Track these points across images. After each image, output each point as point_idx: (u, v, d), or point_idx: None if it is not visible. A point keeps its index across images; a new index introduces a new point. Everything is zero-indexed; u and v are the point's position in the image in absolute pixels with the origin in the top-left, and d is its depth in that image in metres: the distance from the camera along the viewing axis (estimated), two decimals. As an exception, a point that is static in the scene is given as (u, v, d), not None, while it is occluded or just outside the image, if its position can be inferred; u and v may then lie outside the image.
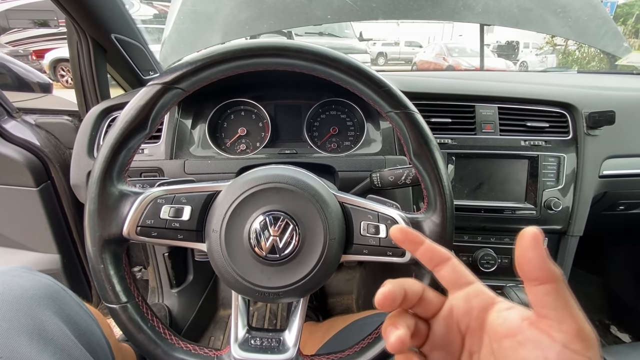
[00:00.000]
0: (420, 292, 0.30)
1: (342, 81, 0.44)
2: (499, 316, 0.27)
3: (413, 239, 0.31)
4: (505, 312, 0.27)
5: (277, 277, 0.41)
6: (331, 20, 1.17)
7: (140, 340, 0.41)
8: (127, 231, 0.41)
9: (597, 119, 0.85)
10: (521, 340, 0.24)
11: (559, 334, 0.23)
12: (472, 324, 0.28)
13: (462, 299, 0.29)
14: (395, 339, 0.26)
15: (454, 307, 0.29)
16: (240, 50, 0.42)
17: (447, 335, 0.29)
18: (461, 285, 0.29)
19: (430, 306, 0.30)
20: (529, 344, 0.24)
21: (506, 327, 0.26)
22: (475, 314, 0.28)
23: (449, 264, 0.30)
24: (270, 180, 0.42)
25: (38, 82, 1.46)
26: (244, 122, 0.87)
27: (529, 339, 0.24)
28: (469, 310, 0.28)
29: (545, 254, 0.23)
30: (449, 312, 0.29)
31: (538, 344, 0.24)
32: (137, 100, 0.41)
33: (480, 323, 0.27)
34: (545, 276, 0.23)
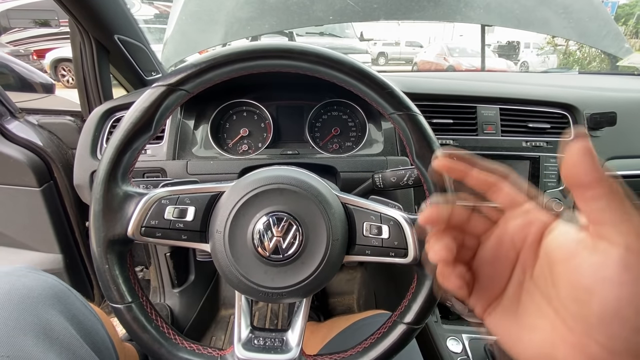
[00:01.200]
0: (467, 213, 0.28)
1: (346, 83, 0.45)
2: (557, 241, 0.24)
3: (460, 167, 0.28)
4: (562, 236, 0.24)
5: (281, 278, 0.41)
6: (333, 21, 1.17)
7: (145, 339, 0.41)
8: (132, 232, 0.41)
9: (598, 120, 0.86)
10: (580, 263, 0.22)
11: (619, 236, 0.20)
12: (528, 239, 0.26)
13: (521, 214, 0.27)
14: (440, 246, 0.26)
15: (509, 223, 0.27)
16: (244, 52, 0.42)
17: (498, 251, 0.27)
18: (519, 202, 0.27)
19: (480, 223, 0.29)
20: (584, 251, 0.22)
21: (563, 252, 0.23)
22: (533, 229, 0.26)
23: (507, 183, 0.27)
24: (273, 181, 0.43)
25: (41, 83, 1.46)
26: (246, 123, 0.87)
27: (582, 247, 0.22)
28: (528, 225, 0.26)
29: (594, 158, 0.21)
30: (504, 227, 0.27)
31: (594, 249, 0.21)
32: (142, 101, 0.42)
33: (536, 243, 0.25)
34: (593, 180, 0.21)
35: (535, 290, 0.25)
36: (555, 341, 0.22)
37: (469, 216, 0.29)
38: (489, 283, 0.28)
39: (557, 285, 0.23)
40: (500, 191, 0.27)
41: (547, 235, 0.25)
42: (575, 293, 0.22)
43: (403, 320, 0.43)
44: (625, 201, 0.21)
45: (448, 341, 0.81)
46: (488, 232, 0.28)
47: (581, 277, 0.21)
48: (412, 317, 0.43)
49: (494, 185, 0.27)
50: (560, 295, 0.23)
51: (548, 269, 0.24)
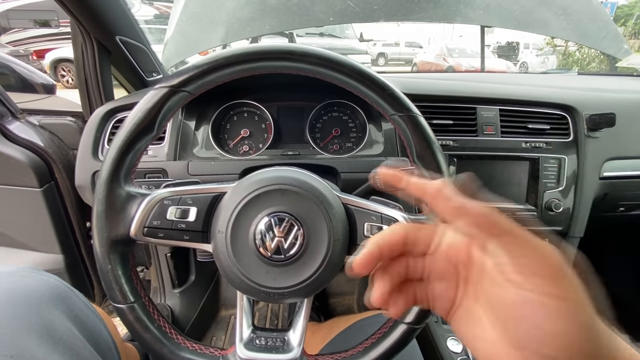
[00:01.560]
0: (399, 240, 0.29)
1: (346, 84, 0.45)
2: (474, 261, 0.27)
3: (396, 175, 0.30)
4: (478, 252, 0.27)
5: (282, 278, 0.42)
6: (333, 22, 1.18)
7: (147, 339, 0.42)
8: (134, 232, 0.42)
9: (597, 121, 0.86)
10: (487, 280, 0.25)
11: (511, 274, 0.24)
12: (460, 256, 0.28)
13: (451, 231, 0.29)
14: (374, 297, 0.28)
15: (441, 242, 0.29)
16: (246, 54, 0.43)
17: (442, 267, 0.29)
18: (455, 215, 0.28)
19: (419, 246, 0.30)
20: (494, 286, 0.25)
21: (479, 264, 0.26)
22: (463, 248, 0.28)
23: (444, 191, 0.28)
24: (275, 182, 0.43)
25: (42, 83, 1.46)
26: (247, 124, 0.87)
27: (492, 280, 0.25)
28: (456, 244, 0.28)
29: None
30: (438, 246, 0.29)
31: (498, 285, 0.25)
32: (145, 103, 0.42)
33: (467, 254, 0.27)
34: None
35: (477, 305, 0.27)
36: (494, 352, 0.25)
37: (400, 244, 0.29)
38: (442, 296, 0.29)
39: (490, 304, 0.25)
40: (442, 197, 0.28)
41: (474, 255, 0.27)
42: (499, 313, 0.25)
43: (404, 320, 0.44)
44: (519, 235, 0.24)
45: (448, 341, 0.81)
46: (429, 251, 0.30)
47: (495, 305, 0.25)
48: (412, 317, 0.43)
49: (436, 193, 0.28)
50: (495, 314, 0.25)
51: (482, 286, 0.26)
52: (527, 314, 0.22)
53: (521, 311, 0.23)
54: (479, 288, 0.27)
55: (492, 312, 0.25)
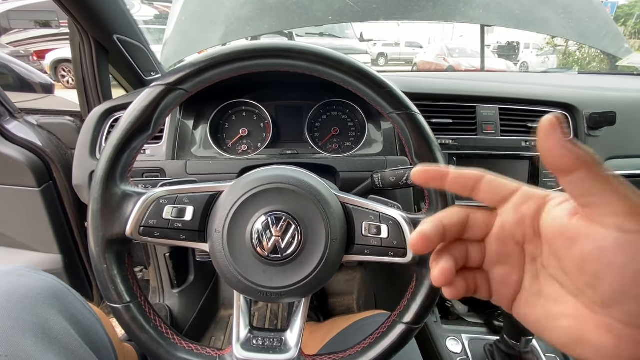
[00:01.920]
0: (462, 221, 0.28)
1: (344, 82, 0.45)
2: (550, 217, 0.24)
3: (435, 174, 0.28)
4: (555, 210, 0.24)
5: (279, 277, 0.41)
6: (332, 21, 1.17)
7: (143, 339, 0.41)
8: (130, 231, 0.41)
9: (597, 119, 0.86)
10: (572, 237, 0.22)
11: (610, 217, 0.20)
12: (527, 231, 0.26)
13: (511, 210, 0.27)
14: (438, 272, 0.26)
15: (504, 222, 0.27)
16: (243, 51, 0.42)
17: (503, 250, 0.27)
18: (505, 197, 0.27)
19: (479, 229, 0.28)
20: (582, 238, 0.22)
21: (555, 227, 0.24)
22: (528, 222, 0.26)
23: (483, 182, 0.27)
24: (272, 181, 0.43)
25: (40, 83, 1.46)
26: (246, 123, 0.87)
27: (580, 233, 0.22)
28: (521, 220, 0.26)
29: (566, 139, 0.21)
30: (501, 228, 0.27)
31: (591, 235, 0.21)
32: (140, 101, 0.41)
33: (534, 228, 0.25)
34: (571, 163, 0.21)
35: (550, 279, 0.25)
36: (581, 325, 0.23)
37: (462, 225, 0.28)
38: (505, 281, 0.28)
39: (568, 273, 0.23)
40: (482, 190, 0.27)
41: (542, 223, 0.25)
42: (585, 279, 0.22)
43: (402, 320, 0.43)
44: (609, 178, 0.20)
45: (447, 341, 0.81)
46: (489, 235, 0.28)
47: (586, 264, 0.22)
48: (411, 316, 0.43)
49: (473, 185, 0.28)
50: (574, 282, 0.23)
51: (554, 257, 0.24)
52: (630, 259, 0.20)
53: (622, 258, 0.20)
54: (552, 259, 0.24)
55: (574, 276, 0.23)
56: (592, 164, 0.21)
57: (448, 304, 0.98)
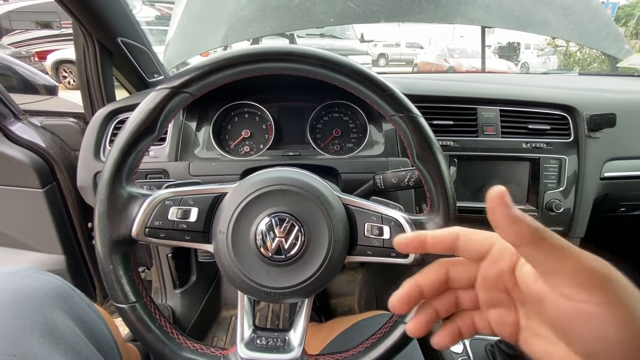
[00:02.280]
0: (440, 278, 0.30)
1: (347, 85, 0.45)
2: (522, 277, 0.26)
3: (415, 241, 0.30)
4: (523, 268, 0.26)
5: (283, 278, 0.42)
6: (334, 23, 1.18)
7: (149, 339, 0.42)
8: (136, 232, 0.42)
9: (598, 121, 0.86)
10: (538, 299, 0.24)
11: (561, 287, 0.22)
12: (508, 283, 0.28)
13: (489, 266, 0.28)
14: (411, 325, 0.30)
15: (485, 275, 0.29)
16: (247, 55, 0.43)
17: (493, 297, 0.29)
18: (482, 255, 0.29)
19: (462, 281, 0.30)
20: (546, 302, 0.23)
21: (524, 286, 0.25)
22: (506, 275, 0.27)
23: (460, 242, 0.29)
24: (276, 183, 0.43)
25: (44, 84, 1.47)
26: (248, 125, 0.88)
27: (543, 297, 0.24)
28: (500, 274, 0.28)
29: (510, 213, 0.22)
30: (484, 279, 0.29)
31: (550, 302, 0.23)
32: (146, 104, 0.42)
33: (514, 282, 0.27)
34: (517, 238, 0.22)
35: (540, 322, 0.26)
36: None
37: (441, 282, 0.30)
38: (502, 322, 0.29)
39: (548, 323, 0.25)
40: (460, 248, 0.29)
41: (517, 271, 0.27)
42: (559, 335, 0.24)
43: (404, 320, 0.44)
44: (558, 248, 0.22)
45: (449, 341, 0.81)
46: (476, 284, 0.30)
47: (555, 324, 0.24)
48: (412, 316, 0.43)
49: (451, 246, 0.29)
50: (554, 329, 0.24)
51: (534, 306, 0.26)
52: (587, 326, 0.21)
53: (580, 325, 0.22)
54: (535, 307, 0.26)
55: (554, 328, 0.24)
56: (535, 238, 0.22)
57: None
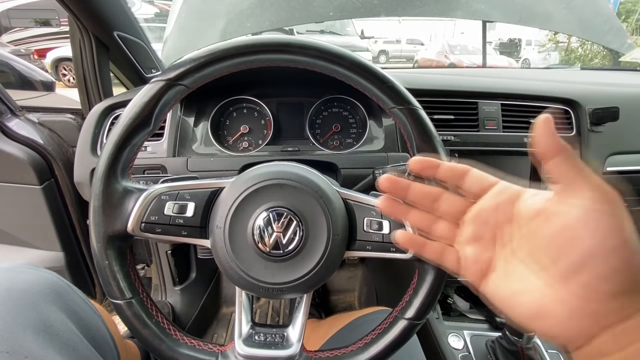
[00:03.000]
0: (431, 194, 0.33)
1: (346, 77, 0.44)
2: (525, 204, 0.28)
3: (431, 163, 0.32)
4: (531, 199, 0.28)
5: (281, 273, 0.41)
6: (333, 18, 1.16)
7: (145, 335, 0.41)
8: (132, 227, 0.41)
9: (600, 115, 0.85)
10: (546, 216, 0.26)
11: (577, 198, 0.24)
12: (500, 217, 0.29)
13: (489, 198, 0.30)
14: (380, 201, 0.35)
15: (481, 207, 0.30)
16: (243, 46, 0.42)
17: (478, 231, 0.30)
18: (486, 188, 0.31)
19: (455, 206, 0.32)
20: (553, 216, 0.25)
21: (532, 210, 0.27)
22: (503, 208, 0.29)
23: (470, 174, 0.31)
24: (273, 177, 0.42)
25: (41, 81, 1.46)
26: (247, 120, 0.87)
27: (553, 212, 0.25)
28: (497, 207, 0.29)
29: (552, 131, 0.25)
30: (478, 212, 0.31)
31: (561, 213, 0.25)
32: (141, 97, 0.41)
33: (508, 215, 0.29)
34: (553, 149, 0.25)
35: (518, 262, 0.28)
36: (540, 299, 0.26)
37: (438, 195, 0.33)
38: (476, 259, 0.30)
39: (535, 253, 0.26)
40: (467, 180, 0.31)
41: (518, 204, 0.28)
42: (551, 254, 0.25)
43: (404, 315, 0.43)
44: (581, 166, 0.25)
45: (449, 337, 0.81)
46: (465, 216, 0.32)
47: (554, 240, 0.25)
48: (413, 312, 0.43)
49: (461, 175, 0.31)
50: (539, 261, 0.26)
51: (525, 239, 0.27)
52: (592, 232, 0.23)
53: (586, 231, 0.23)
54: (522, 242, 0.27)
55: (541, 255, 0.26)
56: (568, 153, 0.25)
57: (450, 300, 0.98)
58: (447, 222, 0.33)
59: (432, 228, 0.33)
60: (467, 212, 0.31)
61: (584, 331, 0.24)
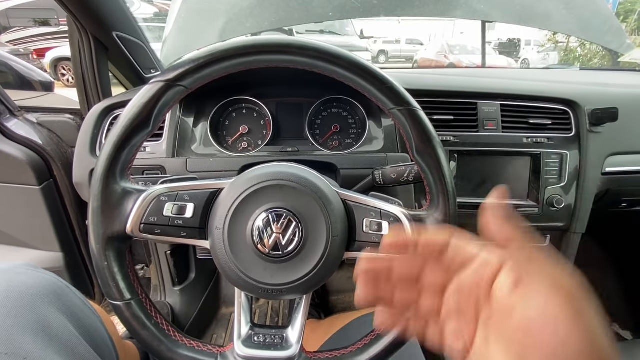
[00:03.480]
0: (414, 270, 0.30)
1: (345, 78, 0.44)
2: (499, 284, 0.26)
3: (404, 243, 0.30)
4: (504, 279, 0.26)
5: (280, 274, 0.41)
6: (332, 18, 1.16)
7: (144, 337, 0.41)
8: (131, 228, 0.41)
9: (599, 115, 0.85)
10: (510, 309, 0.25)
11: (536, 294, 0.23)
12: (481, 294, 0.28)
13: (471, 273, 0.28)
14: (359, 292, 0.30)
15: (463, 282, 0.29)
16: (242, 47, 0.42)
17: (459, 307, 0.29)
18: (467, 262, 0.29)
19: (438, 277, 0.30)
20: (516, 310, 0.24)
21: (500, 296, 0.26)
22: (483, 285, 0.27)
23: (450, 248, 0.29)
24: (273, 178, 0.42)
25: (40, 81, 1.46)
26: (246, 120, 0.87)
27: (515, 306, 0.24)
28: (478, 283, 0.28)
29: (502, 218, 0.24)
30: (459, 286, 0.29)
31: (521, 309, 0.24)
32: (140, 97, 0.41)
33: (488, 293, 0.27)
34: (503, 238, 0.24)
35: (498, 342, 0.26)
36: None
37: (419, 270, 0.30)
38: (458, 335, 0.29)
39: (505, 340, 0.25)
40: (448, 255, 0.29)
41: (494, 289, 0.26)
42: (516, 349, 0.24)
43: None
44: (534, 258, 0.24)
45: (449, 338, 0.80)
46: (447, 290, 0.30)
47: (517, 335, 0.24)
48: (412, 313, 0.43)
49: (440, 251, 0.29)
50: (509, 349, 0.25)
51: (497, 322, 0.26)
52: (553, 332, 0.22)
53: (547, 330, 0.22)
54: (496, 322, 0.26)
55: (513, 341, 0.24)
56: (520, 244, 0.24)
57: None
58: (431, 293, 0.30)
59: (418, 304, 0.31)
60: (451, 283, 0.30)
61: None
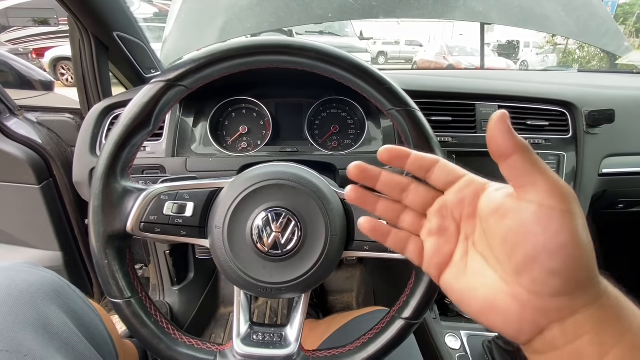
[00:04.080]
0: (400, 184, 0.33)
1: (344, 79, 0.45)
2: (488, 198, 0.28)
3: (399, 153, 0.31)
4: (493, 193, 0.28)
5: (279, 273, 0.42)
6: (332, 19, 1.17)
7: (144, 334, 0.42)
8: (131, 227, 0.41)
9: (597, 117, 0.86)
10: (503, 213, 0.26)
11: (533, 195, 0.24)
12: (465, 211, 0.29)
13: (455, 192, 0.30)
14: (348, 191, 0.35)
15: (447, 200, 0.31)
16: (243, 48, 0.42)
17: (442, 224, 0.31)
18: (452, 181, 0.30)
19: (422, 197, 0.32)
20: (510, 213, 0.25)
21: (492, 205, 0.27)
22: (467, 202, 0.29)
23: (438, 165, 0.31)
24: (272, 177, 0.43)
25: (40, 80, 1.46)
26: (246, 120, 0.87)
27: (509, 209, 0.25)
28: (462, 200, 0.29)
29: (508, 129, 0.24)
30: (443, 205, 0.31)
31: (516, 210, 0.25)
32: (141, 97, 0.42)
33: (472, 209, 0.29)
34: (510, 148, 0.24)
35: (477, 255, 0.29)
36: (494, 294, 0.26)
37: (406, 185, 0.33)
38: (438, 251, 0.31)
39: (493, 247, 0.27)
40: (435, 173, 0.31)
41: (482, 198, 0.28)
42: (506, 249, 0.25)
43: (401, 315, 0.43)
44: (540, 163, 0.24)
45: (446, 338, 0.81)
46: (431, 208, 0.32)
47: (509, 236, 0.25)
48: (410, 312, 0.43)
49: (428, 167, 0.31)
50: (496, 255, 0.27)
51: (485, 234, 0.28)
52: (546, 229, 0.23)
53: (539, 228, 0.23)
54: (482, 236, 0.28)
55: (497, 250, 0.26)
56: (525, 150, 0.24)
57: (447, 301, 0.98)
58: (415, 212, 0.33)
59: (399, 218, 0.33)
60: (434, 204, 0.32)
61: (534, 325, 0.24)
